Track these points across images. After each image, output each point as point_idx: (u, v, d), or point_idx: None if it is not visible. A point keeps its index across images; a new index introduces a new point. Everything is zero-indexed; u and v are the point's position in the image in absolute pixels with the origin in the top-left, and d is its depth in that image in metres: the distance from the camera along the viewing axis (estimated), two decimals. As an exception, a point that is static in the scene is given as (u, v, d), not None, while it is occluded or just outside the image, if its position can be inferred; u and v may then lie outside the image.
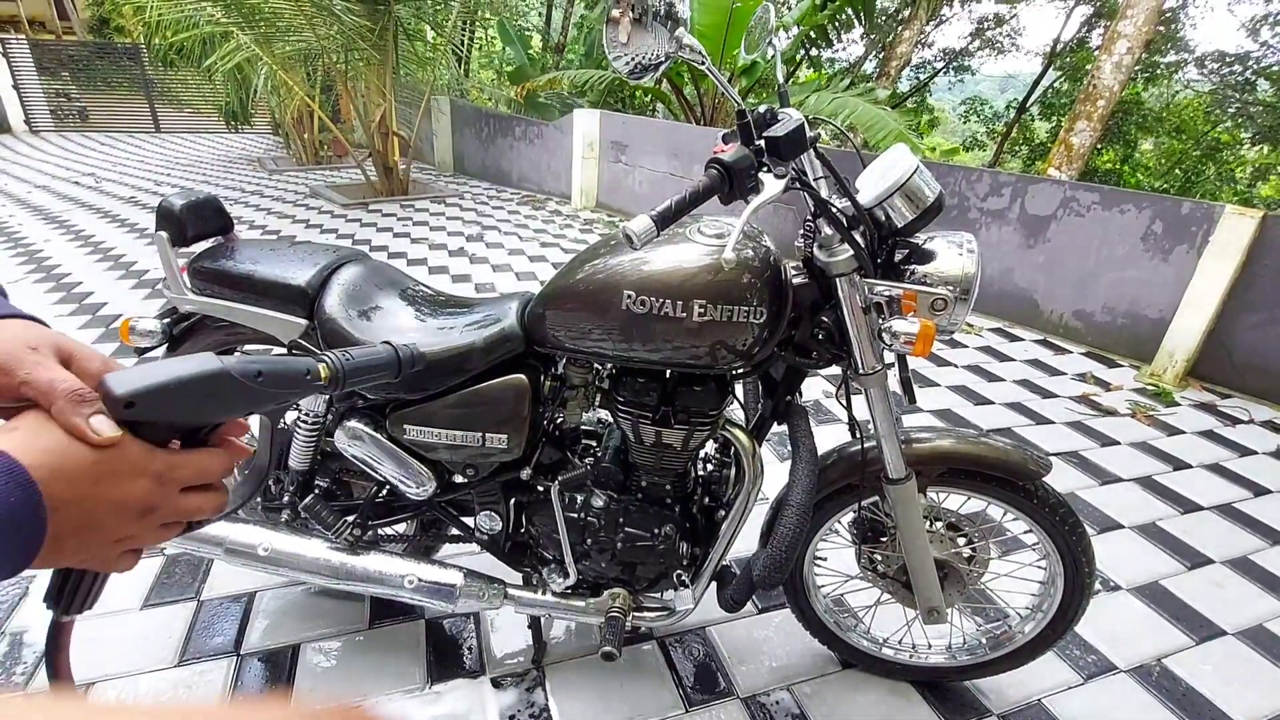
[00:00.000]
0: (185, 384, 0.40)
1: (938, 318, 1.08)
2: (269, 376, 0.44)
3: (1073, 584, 1.36)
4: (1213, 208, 3.42)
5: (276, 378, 0.45)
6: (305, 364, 0.47)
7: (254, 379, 0.43)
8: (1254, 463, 2.78)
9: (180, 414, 0.42)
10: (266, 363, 0.45)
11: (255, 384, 0.43)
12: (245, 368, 0.43)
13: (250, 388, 0.43)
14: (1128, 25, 5.33)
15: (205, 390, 0.41)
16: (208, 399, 0.42)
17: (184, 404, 0.41)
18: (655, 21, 0.80)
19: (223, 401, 0.42)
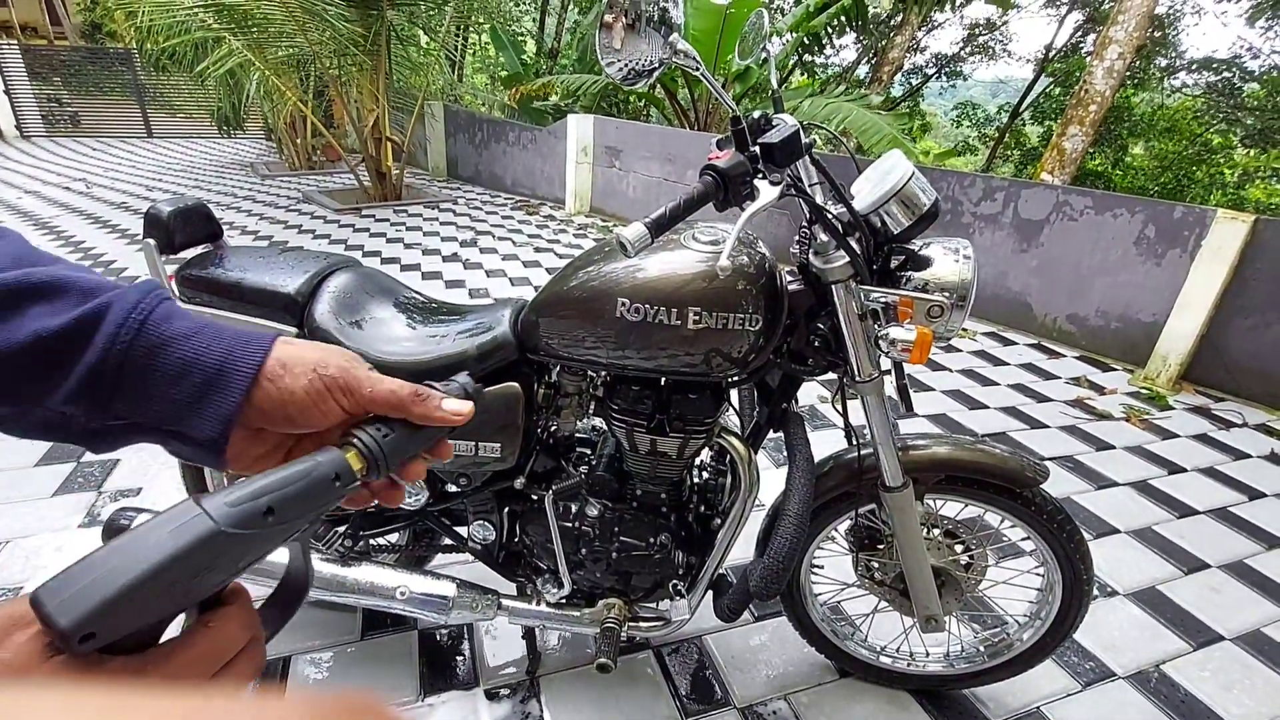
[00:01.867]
0: (159, 575, 0.28)
1: (934, 324, 1.07)
2: (282, 507, 0.32)
3: (1071, 591, 1.35)
4: (1205, 212, 3.44)
5: (293, 504, 0.33)
6: (326, 466, 0.36)
7: (261, 521, 0.31)
8: (1248, 466, 2.79)
9: (163, 610, 0.30)
10: (273, 485, 0.33)
11: (265, 527, 0.31)
12: (245, 512, 0.31)
13: (257, 535, 0.31)
14: (1119, 31, 5.37)
15: (192, 568, 0.29)
16: (199, 576, 0.29)
17: (165, 599, 0.29)
18: (649, 27, 0.79)
19: (224, 567, 0.31)
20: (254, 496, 0.32)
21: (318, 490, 0.35)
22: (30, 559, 1.85)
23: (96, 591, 0.27)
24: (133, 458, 2.32)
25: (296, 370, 0.40)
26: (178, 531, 0.29)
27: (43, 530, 1.96)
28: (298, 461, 0.36)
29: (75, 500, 2.10)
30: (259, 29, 5.47)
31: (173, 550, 0.28)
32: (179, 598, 0.30)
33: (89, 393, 0.38)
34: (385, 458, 0.40)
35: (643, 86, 0.90)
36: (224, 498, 0.31)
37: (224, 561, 0.30)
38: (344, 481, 0.37)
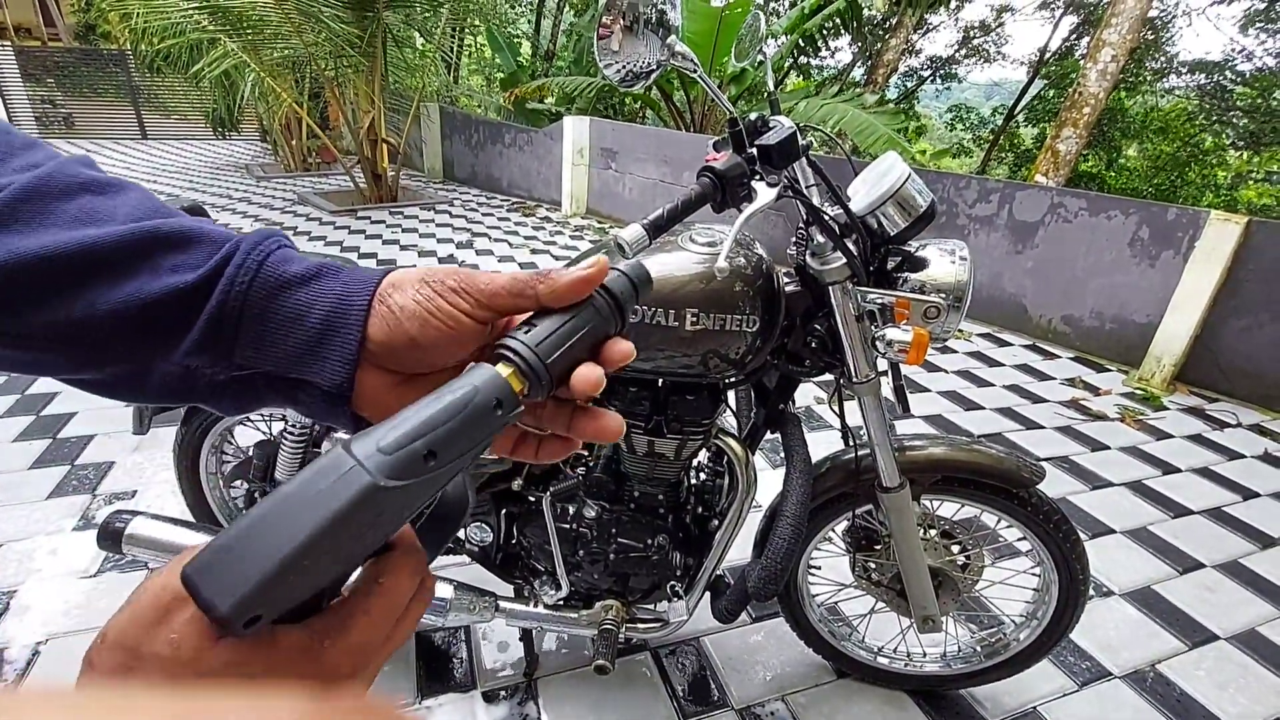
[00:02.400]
0: (319, 542, 0.25)
1: (931, 325, 1.08)
2: (444, 447, 0.28)
3: (1067, 591, 1.36)
4: (1198, 213, 3.46)
5: (455, 441, 0.29)
6: (486, 390, 0.31)
7: (423, 466, 0.27)
8: (1242, 466, 2.80)
9: (328, 577, 0.27)
10: (431, 422, 0.28)
11: (427, 472, 0.27)
12: (403, 459, 0.27)
13: (420, 483, 0.27)
14: (1112, 34, 5.40)
15: (355, 529, 0.26)
16: (363, 536, 0.26)
17: (329, 565, 0.26)
18: (647, 29, 0.79)
19: (388, 522, 0.27)
20: (411, 438, 0.27)
21: (480, 421, 0.30)
22: (24, 562, 1.84)
23: (254, 569, 0.24)
24: (127, 459, 2.32)
25: (405, 285, 0.37)
26: (333, 490, 0.25)
27: (37, 533, 1.95)
28: (449, 389, 0.30)
29: (70, 503, 2.09)
30: (254, 30, 5.46)
31: (332, 513, 0.25)
32: (343, 561, 0.27)
33: (211, 342, 0.36)
34: (543, 365, 0.33)
35: (640, 89, 0.90)
36: (376, 440, 0.27)
37: (388, 517, 0.27)
38: (507, 407, 0.31)
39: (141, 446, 2.38)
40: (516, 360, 0.33)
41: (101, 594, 1.75)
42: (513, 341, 0.34)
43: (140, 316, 0.35)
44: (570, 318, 0.36)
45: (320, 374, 0.37)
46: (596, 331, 0.36)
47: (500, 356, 0.33)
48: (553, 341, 0.34)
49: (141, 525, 1.38)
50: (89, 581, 1.79)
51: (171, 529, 1.40)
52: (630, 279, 0.39)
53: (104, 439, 2.44)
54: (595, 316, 0.37)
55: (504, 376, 0.31)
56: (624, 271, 0.39)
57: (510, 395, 0.31)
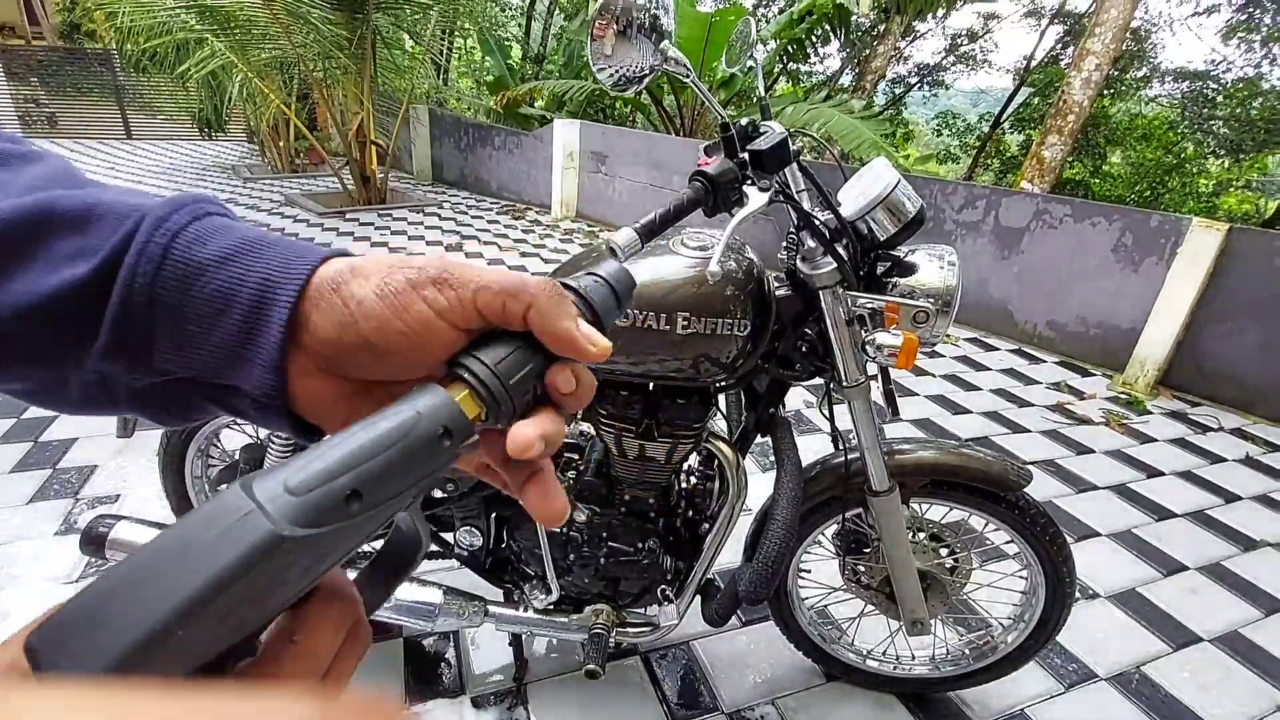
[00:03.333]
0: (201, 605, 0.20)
1: (920, 330, 1.09)
2: (372, 486, 0.23)
3: (1054, 593, 1.37)
4: (1180, 221, 3.51)
5: (386, 480, 0.23)
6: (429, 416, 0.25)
7: (343, 510, 0.22)
8: (1224, 470, 2.84)
9: (220, 644, 0.21)
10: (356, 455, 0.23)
11: (349, 517, 0.22)
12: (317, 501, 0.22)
13: (339, 530, 0.22)
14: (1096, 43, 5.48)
15: (254, 588, 0.20)
16: (264, 594, 0.21)
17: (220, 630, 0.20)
18: (640, 34, 0.79)
19: (299, 577, 0.22)
20: (329, 475, 0.22)
21: (421, 454, 0.25)
22: (4, 568, 1.81)
23: (115, 639, 0.19)
24: (110, 462, 2.28)
25: (367, 272, 0.30)
26: (224, 540, 0.20)
27: (18, 539, 1.92)
28: (384, 413, 0.25)
29: (51, 507, 2.05)
30: (242, 30, 5.43)
31: (220, 570, 0.20)
32: (242, 625, 0.21)
33: (123, 346, 0.29)
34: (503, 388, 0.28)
35: (633, 93, 0.90)
36: (285, 477, 0.22)
37: (296, 572, 0.21)
38: (457, 437, 0.26)
39: (126, 450, 2.35)
40: (472, 380, 0.28)
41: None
42: (468, 359, 0.28)
43: (38, 317, 0.28)
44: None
45: (246, 379, 0.30)
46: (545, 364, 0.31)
47: (454, 376, 0.28)
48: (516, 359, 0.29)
49: (125, 530, 1.37)
50: (71, 588, 1.76)
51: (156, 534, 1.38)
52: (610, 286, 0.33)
53: (87, 442, 2.40)
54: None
55: (455, 400, 0.26)
56: (604, 278, 0.34)
57: (462, 423, 0.26)
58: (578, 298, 0.32)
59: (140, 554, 0.20)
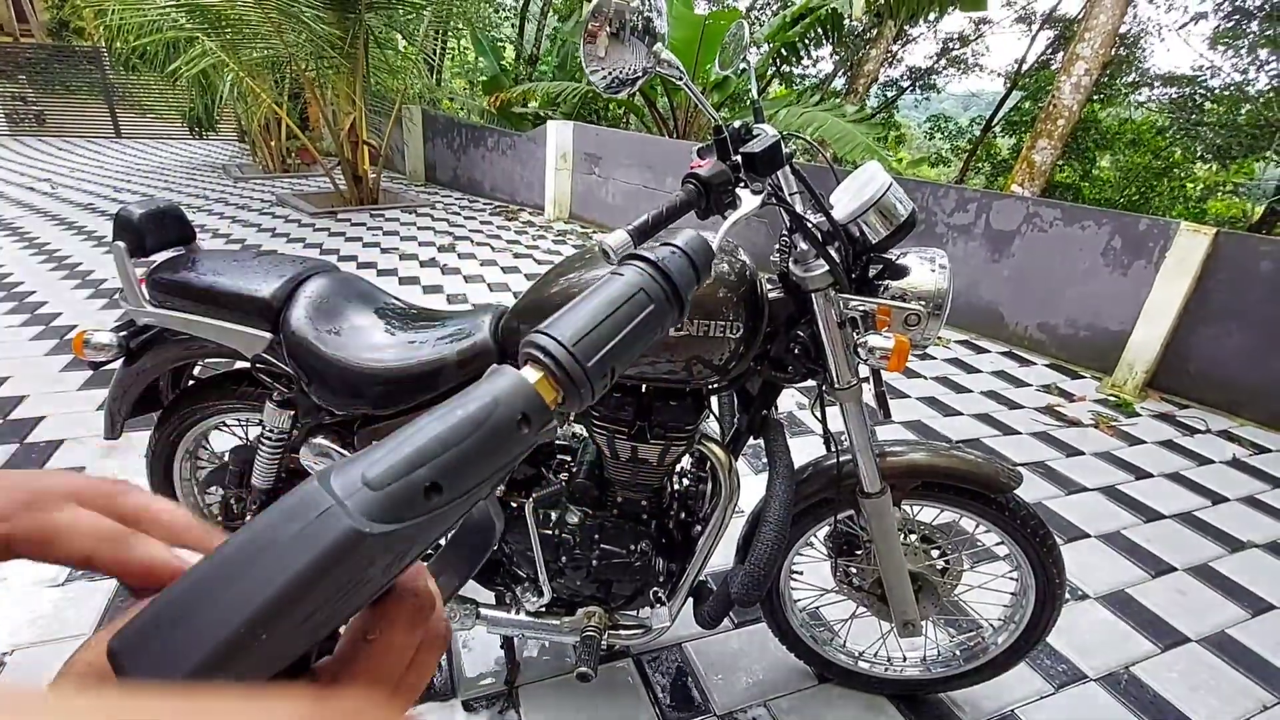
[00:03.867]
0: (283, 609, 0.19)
1: (911, 332, 1.09)
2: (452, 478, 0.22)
3: (1044, 594, 1.38)
4: (1169, 224, 3.54)
5: (466, 470, 0.23)
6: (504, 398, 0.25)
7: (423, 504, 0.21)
8: (1212, 472, 2.87)
9: (300, 646, 0.21)
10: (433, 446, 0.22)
11: (431, 510, 0.22)
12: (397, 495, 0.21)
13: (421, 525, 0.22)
14: (1085, 48, 5.52)
15: (335, 587, 0.20)
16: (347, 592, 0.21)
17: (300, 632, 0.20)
18: (633, 37, 0.79)
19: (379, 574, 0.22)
20: (408, 467, 0.22)
21: (500, 442, 0.24)
22: (-12, 571, 1.79)
23: (197, 645, 0.19)
24: (97, 464, 2.26)
25: None
26: (304, 538, 0.20)
27: (2, 541, 1.89)
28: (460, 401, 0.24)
29: (37, 510, 2.03)
30: (233, 30, 5.39)
31: (300, 571, 0.19)
32: (323, 626, 0.21)
33: None
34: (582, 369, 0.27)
35: (626, 95, 0.90)
36: (361, 470, 0.21)
37: (376, 569, 0.21)
38: (535, 423, 0.25)
39: (113, 452, 2.32)
40: (547, 361, 0.26)
41: (69, 604, 1.70)
42: (541, 338, 0.27)
43: None
44: (617, 304, 0.29)
45: None
46: (650, 325, 0.29)
47: (528, 357, 0.27)
48: (595, 338, 0.27)
49: (112, 532, 1.35)
50: (56, 591, 1.74)
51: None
52: (689, 257, 0.30)
53: (74, 444, 2.38)
54: (647, 304, 0.29)
55: (532, 384, 0.25)
56: (680, 247, 0.31)
57: (540, 407, 0.25)
58: (654, 270, 0.30)
59: (220, 552, 0.20)
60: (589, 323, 0.28)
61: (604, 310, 0.28)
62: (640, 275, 0.30)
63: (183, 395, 1.51)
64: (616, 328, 0.28)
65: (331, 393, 1.21)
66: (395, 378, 1.19)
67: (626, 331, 0.28)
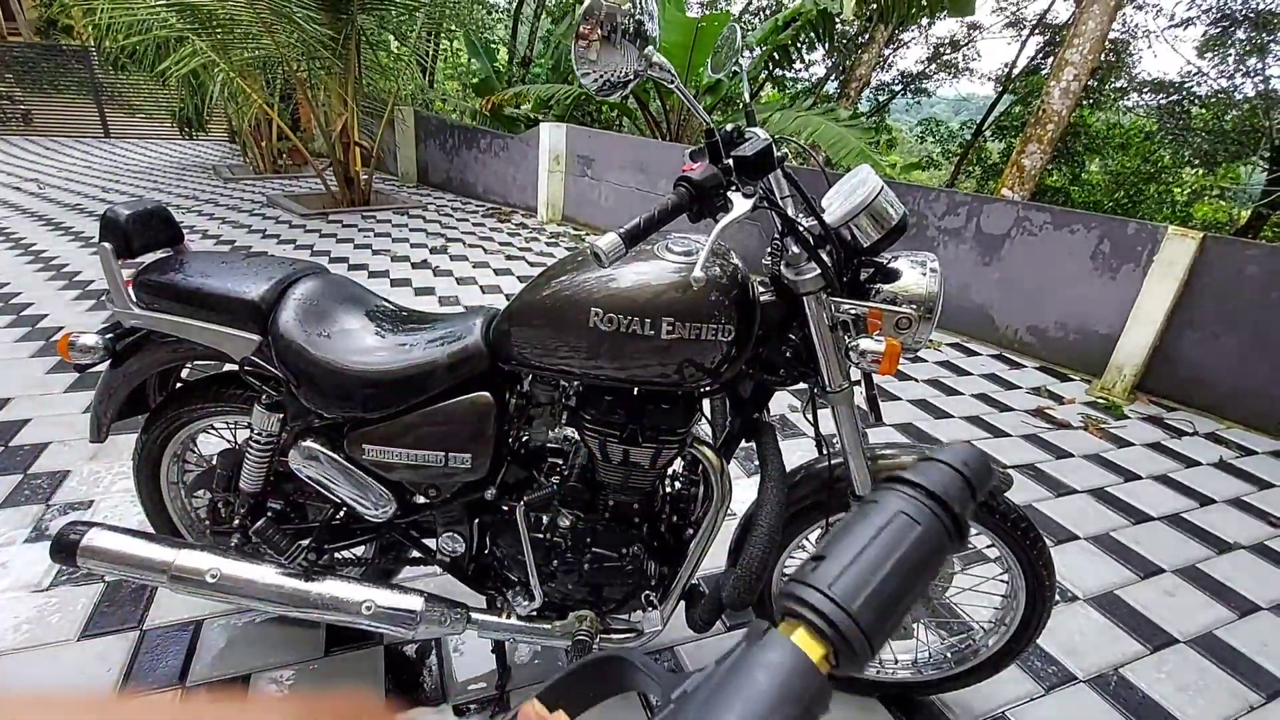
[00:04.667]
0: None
1: (902, 335, 1.09)
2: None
3: (1034, 596, 1.38)
4: (1157, 228, 3.57)
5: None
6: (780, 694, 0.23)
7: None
8: (1199, 474, 2.89)
9: None
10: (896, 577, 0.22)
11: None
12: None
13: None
14: (1074, 54, 5.57)
15: None
16: None
17: None
18: (624, 40, 0.79)
19: None
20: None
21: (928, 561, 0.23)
22: (-29, 576, 1.76)
23: None
24: (83, 468, 2.24)
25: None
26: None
27: (-15, 545, 1.87)
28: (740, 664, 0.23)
29: (21, 513, 2.01)
30: (224, 29, 5.36)
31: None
32: None
33: None
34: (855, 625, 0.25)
35: (617, 98, 0.90)
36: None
37: None
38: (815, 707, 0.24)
39: (99, 455, 2.30)
40: (824, 626, 0.23)
41: (54, 609, 1.68)
42: (801, 589, 0.23)
43: None
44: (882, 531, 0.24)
45: None
46: (931, 560, 0.25)
47: (786, 611, 0.23)
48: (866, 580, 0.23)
49: (98, 537, 1.34)
50: (41, 596, 1.72)
51: (130, 541, 1.35)
52: (963, 475, 0.26)
53: (59, 447, 2.35)
54: (924, 537, 0.25)
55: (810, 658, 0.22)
56: (948, 462, 0.27)
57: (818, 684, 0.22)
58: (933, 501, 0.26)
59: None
60: (853, 554, 0.23)
61: (868, 535, 0.24)
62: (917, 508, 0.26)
63: (170, 398, 1.49)
64: (898, 565, 0.24)
65: (321, 395, 1.20)
66: (385, 380, 1.18)
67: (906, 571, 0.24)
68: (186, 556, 1.33)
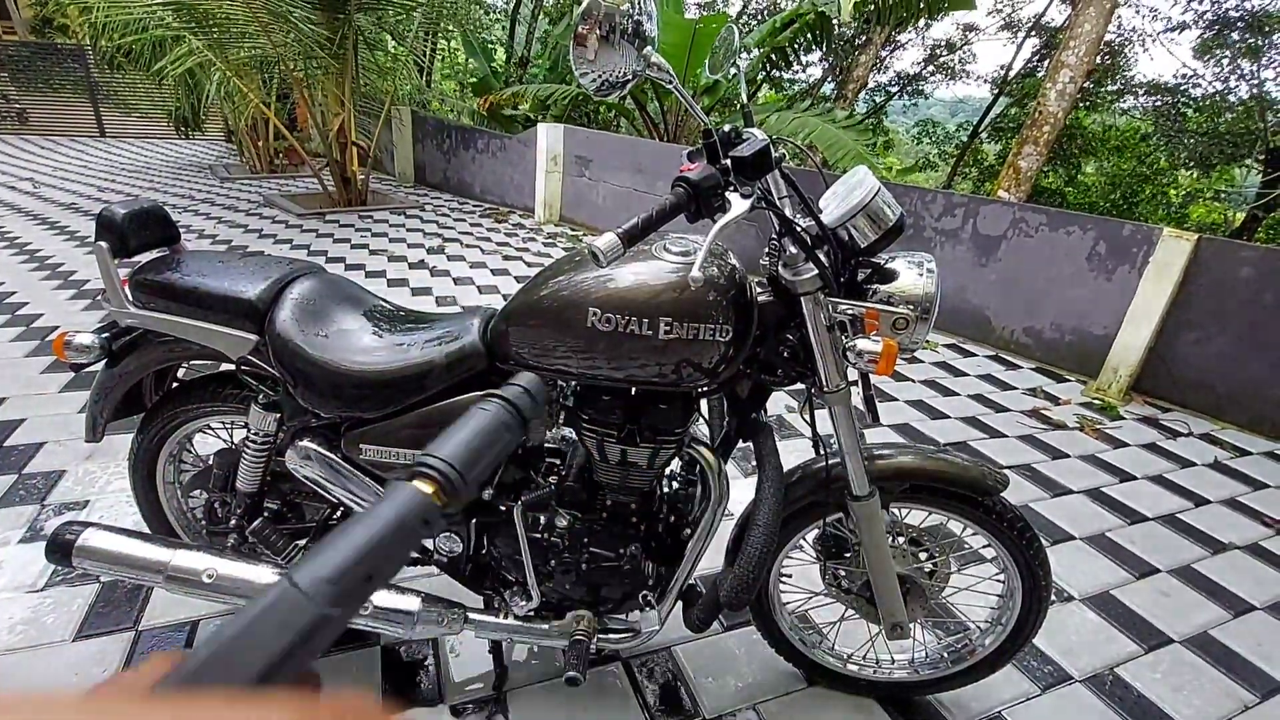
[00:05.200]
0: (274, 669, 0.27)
1: (899, 336, 1.10)
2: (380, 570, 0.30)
3: (1030, 596, 1.38)
4: (1152, 230, 3.58)
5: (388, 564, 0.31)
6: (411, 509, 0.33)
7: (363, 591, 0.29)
8: (1194, 474, 2.90)
9: None
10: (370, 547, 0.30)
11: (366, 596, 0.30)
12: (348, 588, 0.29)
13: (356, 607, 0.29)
14: (1070, 56, 5.59)
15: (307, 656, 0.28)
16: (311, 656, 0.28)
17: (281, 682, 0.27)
18: (623, 40, 0.79)
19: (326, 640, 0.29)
20: (351, 565, 0.29)
21: (408, 542, 0.32)
22: (-34, 576, 1.75)
23: None
24: (78, 468, 2.23)
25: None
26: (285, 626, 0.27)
27: (-20, 546, 1.86)
28: (375, 511, 0.32)
29: (16, 513, 2.00)
30: (220, 29, 5.35)
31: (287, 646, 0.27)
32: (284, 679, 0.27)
33: None
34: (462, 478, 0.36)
35: (616, 98, 0.90)
36: (318, 571, 0.28)
37: (325, 641, 0.28)
38: (433, 523, 0.33)
39: (94, 455, 2.29)
40: (436, 476, 0.35)
41: (49, 609, 1.67)
42: (430, 459, 0.36)
43: None
44: (482, 428, 0.40)
45: None
46: (507, 443, 0.41)
47: (418, 473, 0.35)
48: (469, 454, 0.37)
49: (93, 537, 1.33)
50: (35, 596, 1.71)
51: (126, 541, 1.35)
52: (529, 392, 0.44)
53: (54, 447, 2.34)
54: (503, 428, 0.41)
55: (427, 494, 0.34)
56: (525, 387, 0.44)
57: (434, 511, 0.34)
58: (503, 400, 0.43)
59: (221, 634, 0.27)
60: (463, 440, 0.38)
61: (471, 430, 0.39)
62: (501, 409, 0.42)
63: (166, 398, 1.49)
64: (486, 444, 0.39)
65: (318, 395, 1.20)
66: (383, 380, 1.18)
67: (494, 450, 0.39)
68: (183, 557, 1.32)
